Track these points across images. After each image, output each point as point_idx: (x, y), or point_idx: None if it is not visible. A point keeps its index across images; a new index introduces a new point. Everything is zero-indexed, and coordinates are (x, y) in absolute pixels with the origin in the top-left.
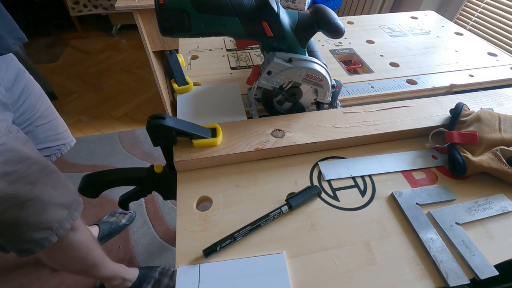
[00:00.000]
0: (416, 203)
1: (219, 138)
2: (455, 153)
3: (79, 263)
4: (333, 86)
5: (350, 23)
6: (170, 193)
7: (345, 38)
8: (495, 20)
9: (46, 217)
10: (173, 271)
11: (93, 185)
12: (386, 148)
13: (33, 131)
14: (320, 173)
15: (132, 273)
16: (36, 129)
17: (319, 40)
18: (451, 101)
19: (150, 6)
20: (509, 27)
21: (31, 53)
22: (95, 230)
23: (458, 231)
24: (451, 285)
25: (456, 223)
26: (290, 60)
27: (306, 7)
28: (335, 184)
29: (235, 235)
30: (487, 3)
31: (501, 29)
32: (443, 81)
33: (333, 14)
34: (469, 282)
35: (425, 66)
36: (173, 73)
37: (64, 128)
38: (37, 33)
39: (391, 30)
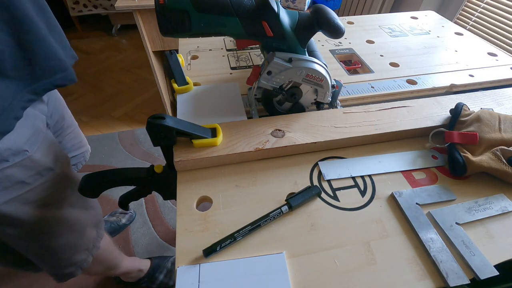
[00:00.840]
0: (416, 203)
1: (219, 138)
2: (455, 153)
3: (100, 266)
4: (333, 86)
5: (350, 23)
6: (170, 193)
7: (345, 38)
8: (495, 20)
9: (85, 239)
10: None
11: (93, 185)
12: (386, 148)
13: (62, 142)
14: (320, 173)
15: (145, 264)
16: (65, 138)
17: (319, 40)
18: (451, 101)
19: (150, 6)
20: (509, 27)
21: None
22: None
23: (458, 231)
24: (451, 285)
25: (456, 223)
26: (290, 60)
27: (306, 7)
28: (335, 184)
29: (235, 235)
30: (487, 3)
31: (501, 29)
32: (443, 81)
33: (333, 14)
34: (469, 282)
35: (425, 66)
36: (173, 73)
37: (82, 134)
38: None
39: (391, 30)
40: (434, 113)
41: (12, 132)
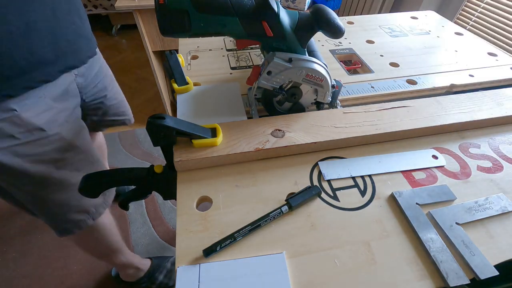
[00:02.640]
0: (416, 203)
1: (219, 138)
2: None
3: (102, 246)
4: (333, 86)
5: (350, 23)
6: (170, 193)
7: (345, 38)
8: (495, 20)
9: (86, 202)
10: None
11: (93, 185)
12: (386, 148)
13: (103, 108)
14: (320, 173)
15: (145, 264)
16: (108, 107)
17: (319, 40)
18: (451, 101)
19: (150, 6)
20: (509, 27)
21: None
22: None
23: (458, 231)
24: (451, 285)
25: (456, 223)
26: (290, 60)
27: (306, 7)
28: (335, 184)
29: (235, 235)
30: (487, 3)
31: (501, 29)
32: (443, 81)
33: (333, 14)
34: (469, 282)
35: (425, 66)
36: (173, 73)
37: (127, 107)
38: None
39: (391, 30)
40: (434, 113)
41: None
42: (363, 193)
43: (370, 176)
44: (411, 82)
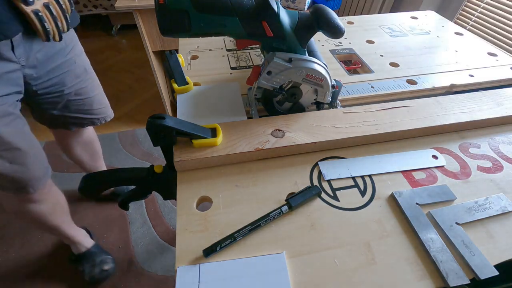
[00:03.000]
0: (416, 203)
1: (219, 138)
2: None
3: (39, 226)
4: (333, 86)
5: (350, 23)
6: (170, 193)
7: (345, 38)
8: (495, 20)
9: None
10: (110, 261)
11: (93, 185)
12: (386, 148)
13: (61, 102)
14: (320, 173)
15: (87, 243)
16: (69, 102)
17: (319, 40)
18: (451, 101)
19: (150, 6)
20: (509, 27)
21: None
22: None
23: (458, 231)
24: (451, 285)
25: (456, 223)
26: (290, 60)
27: (306, 7)
28: (335, 184)
29: (235, 235)
30: (487, 3)
31: (501, 29)
32: (443, 81)
33: (333, 14)
34: (469, 282)
35: (425, 66)
36: (173, 73)
37: (100, 106)
38: None
39: (391, 30)
40: (434, 113)
41: None
42: (363, 193)
43: (370, 176)
44: (411, 82)
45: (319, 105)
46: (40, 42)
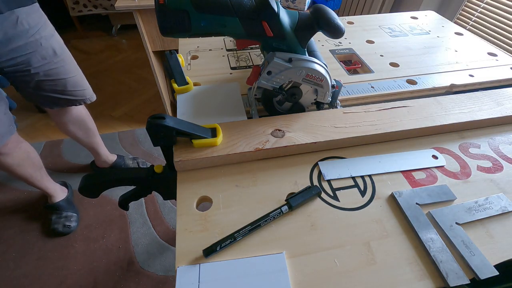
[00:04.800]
0: (416, 203)
1: (219, 138)
2: None
3: (10, 174)
4: (333, 86)
5: (350, 23)
6: (170, 193)
7: (345, 38)
8: (495, 20)
9: None
10: (75, 219)
11: (93, 185)
12: (386, 148)
13: (33, 82)
14: (320, 173)
15: (58, 196)
16: (40, 82)
17: (319, 40)
18: (451, 101)
19: (150, 6)
20: (509, 27)
21: None
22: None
23: (458, 231)
24: (451, 285)
25: (456, 223)
26: (290, 60)
27: (306, 7)
28: (335, 184)
29: (235, 235)
30: (487, 3)
31: (501, 29)
32: (443, 81)
33: (333, 14)
34: (469, 282)
35: (425, 66)
36: (173, 73)
37: (76, 88)
38: None
39: (391, 30)
40: (434, 113)
41: None
42: (363, 193)
43: (370, 176)
44: (411, 82)
45: (319, 105)
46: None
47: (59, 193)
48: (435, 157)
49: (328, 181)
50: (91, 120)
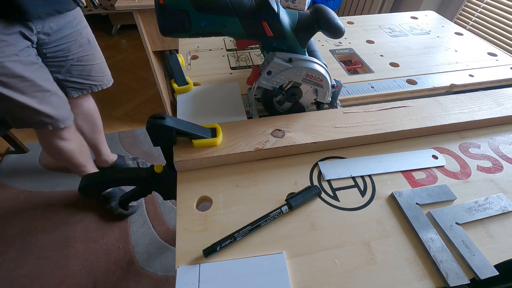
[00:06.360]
0: (416, 203)
1: (219, 138)
2: None
3: (67, 162)
4: (333, 86)
5: (350, 23)
6: (170, 193)
7: (345, 38)
8: (495, 20)
9: (32, 119)
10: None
11: (93, 185)
12: (386, 148)
13: (66, 67)
14: (320, 173)
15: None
16: (71, 67)
17: (319, 40)
18: (451, 101)
19: (150, 6)
20: (509, 27)
21: None
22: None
23: (458, 231)
24: (451, 285)
25: (456, 223)
26: (290, 60)
27: (306, 7)
28: (335, 184)
29: (235, 235)
30: (487, 3)
31: (501, 29)
32: (443, 81)
33: (333, 14)
34: (469, 282)
35: (425, 66)
36: (173, 73)
37: (99, 74)
38: None
39: (391, 30)
40: (434, 113)
41: None
42: (363, 193)
43: (370, 176)
44: (411, 82)
45: (319, 105)
46: (55, 15)
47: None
48: (435, 157)
49: (328, 181)
50: (99, 117)
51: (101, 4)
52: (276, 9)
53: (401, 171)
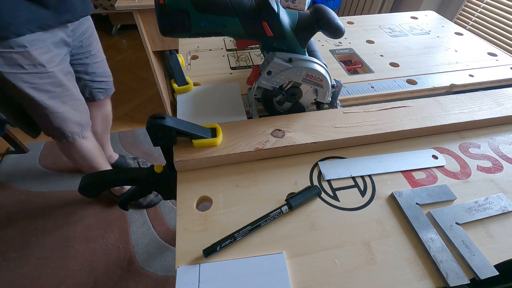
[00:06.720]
0: (416, 203)
1: (219, 138)
2: None
3: (85, 162)
4: (333, 86)
5: (350, 23)
6: (170, 193)
7: (345, 38)
8: (495, 20)
9: (66, 127)
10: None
11: (93, 185)
12: (386, 148)
13: (91, 64)
14: (320, 173)
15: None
16: (94, 64)
17: (319, 40)
18: (451, 101)
19: (150, 6)
20: (509, 27)
21: None
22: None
23: (458, 231)
24: (451, 285)
25: (456, 223)
26: (290, 60)
27: (306, 7)
28: (335, 184)
29: (235, 235)
30: (487, 3)
31: (501, 29)
32: (443, 81)
33: (333, 14)
34: (469, 282)
35: (425, 66)
36: (173, 73)
37: (109, 71)
38: None
39: (391, 30)
40: (434, 113)
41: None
42: (363, 193)
43: (370, 176)
44: (411, 82)
45: (319, 105)
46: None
47: None
48: (435, 157)
49: (328, 181)
50: (111, 118)
51: (101, 4)
52: (276, 9)
53: (401, 171)
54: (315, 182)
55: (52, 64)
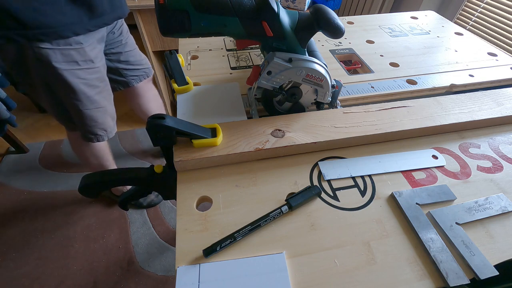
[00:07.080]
0: (416, 203)
1: (219, 138)
2: None
3: (96, 161)
4: (333, 86)
5: (350, 23)
6: (170, 193)
7: (345, 38)
8: (495, 20)
9: (106, 122)
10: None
11: (93, 185)
12: (386, 148)
13: (123, 53)
14: (320, 173)
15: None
16: (127, 53)
17: (319, 40)
18: (451, 101)
19: (150, 6)
20: (509, 27)
21: None
22: None
23: (458, 231)
24: (451, 285)
25: (456, 223)
26: (290, 60)
27: (306, 7)
28: (335, 184)
29: (235, 235)
30: (487, 3)
31: (501, 29)
32: (443, 81)
33: (333, 14)
34: (469, 282)
35: (425, 66)
36: (173, 73)
37: (144, 56)
38: None
39: (391, 30)
40: (434, 113)
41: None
42: (363, 193)
43: (370, 176)
44: (411, 82)
45: (319, 105)
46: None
47: None
48: (435, 157)
49: (328, 181)
50: (159, 98)
51: None
52: (276, 9)
53: (401, 171)
54: (315, 182)
55: (98, 59)
